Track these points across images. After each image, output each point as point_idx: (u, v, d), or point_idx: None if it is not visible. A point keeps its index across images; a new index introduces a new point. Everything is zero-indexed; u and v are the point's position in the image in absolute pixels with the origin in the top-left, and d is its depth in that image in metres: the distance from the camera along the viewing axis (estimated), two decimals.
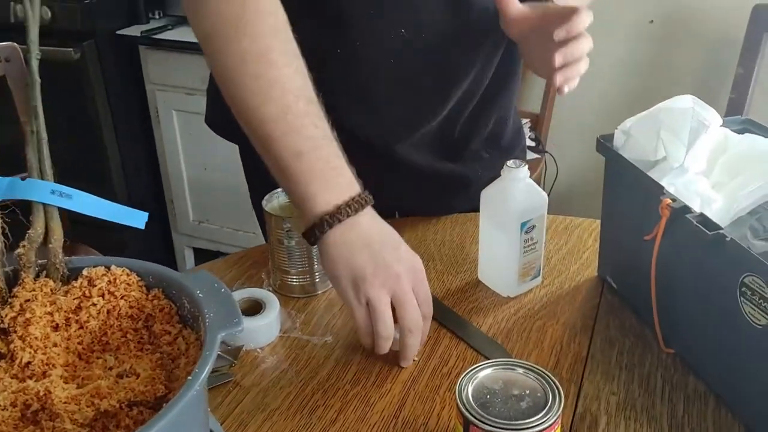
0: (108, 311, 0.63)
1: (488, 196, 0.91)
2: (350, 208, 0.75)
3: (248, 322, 0.87)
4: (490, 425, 0.59)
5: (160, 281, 0.65)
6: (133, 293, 0.64)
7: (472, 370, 0.64)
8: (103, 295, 0.64)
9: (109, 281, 0.64)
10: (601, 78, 2.19)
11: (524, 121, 2.22)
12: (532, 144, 2.14)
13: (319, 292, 0.96)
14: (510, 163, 0.88)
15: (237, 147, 1.17)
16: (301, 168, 0.75)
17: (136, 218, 0.69)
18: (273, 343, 0.88)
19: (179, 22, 2.26)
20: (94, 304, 0.63)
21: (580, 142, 2.20)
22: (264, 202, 0.94)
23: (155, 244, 2.57)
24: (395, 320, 0.77)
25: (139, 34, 2.21)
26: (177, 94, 2.28)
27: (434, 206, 1.14)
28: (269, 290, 0.95)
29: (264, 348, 0.87)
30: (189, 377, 0.51)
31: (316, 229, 0.75)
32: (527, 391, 0.63)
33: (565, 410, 0.76)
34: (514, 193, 0.88)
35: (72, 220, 0.57)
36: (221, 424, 0.76)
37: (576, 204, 2.25)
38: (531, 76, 2.31)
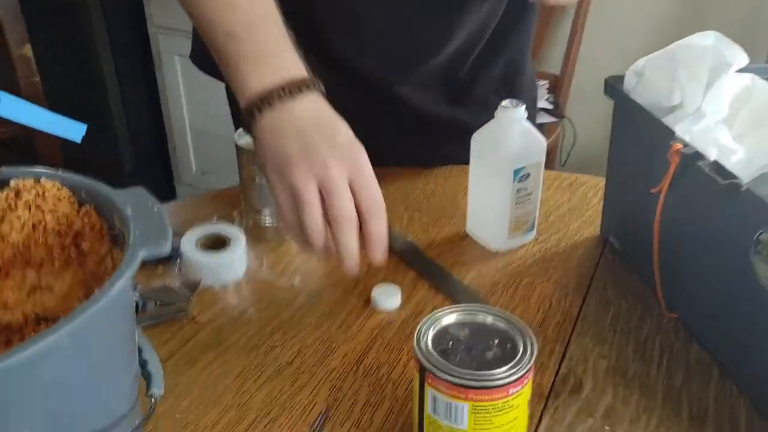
0: (33, 225, 0.57)
1: (480, 138, 0.83)
2: (284, 90, 0.67)
3: (210, 258, 0.80)
4: (448, 374, 0.51)
5: (93, 197, 0.58)
6: (62, 208, 0.57)
7: (435, 313, 0.57)
8: (29, 208, 0.57)
9: (38, 194, 0.57)
10: (629, 37, 2.06)
11: (542, 82, 2.11)
12: (549, 107, 2.04)
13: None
14: (505, 102, 0.79)
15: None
16: (236, 49, 0.69)
17: (73, 130, 0.61)
18: (237, 282, 0.80)
19: None
20: (18, 217, 0.56)
21: (603, 107, 2.08)
22: (236, 137, 0.87)
23: (159, 194, 2.51)
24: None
25: None
26: (180, 38, 2.19)
27: (432, 158, 1.06)
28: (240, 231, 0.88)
29: (227, 286, 0.80)
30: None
31: (248, 115, 0.68)
32: (496, 341, 0.55)
33: (547, 371, 0.69)
34: (509, 135, 0.79)
35: (66, 161, 0.52)
36: (169, 359, 0.69)
37: (594, 174, 2.14)
38: (550, 34, 2.19)
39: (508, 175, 0.79)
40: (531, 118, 0.81)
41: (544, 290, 0.79)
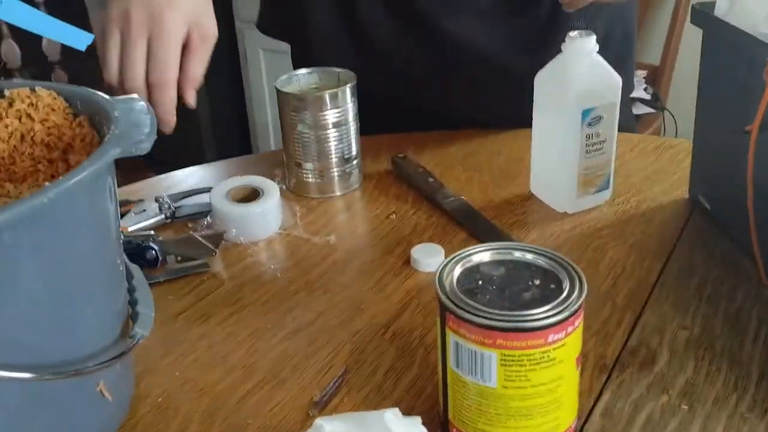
0: (22, 135, 0.52)
1: (543, 78, 0.72)
2: None
3: (240, 209, 0.73)
4: (472, 314, 0.41)
5: (88, 107, 0.52)
6: (54, 118, 0.52)
7: (465, 251, 0.47)
8: (20, 118, 0.52)
9: (31, 104, 0.53)
10: None
11: (641, 73, 1.96)
12: (648, 98, 1.88)
13: (338, 193, 0.81)
14: (573, 33, 0.68)
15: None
16: None
17: (78, 38, 0.56)
18: (268, 238, 0.73)
19: None
20: (7, 126, 0.51)
21: None
22: (278, 84, 0.80)
23: None
24: None
25: None
26: None
27: (503, 118, 0.95)
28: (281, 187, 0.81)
29: (257, 242, 0.72)
30: None
31: None
32: (537, 281, 0.44)
33: (612, 341, 0.57)
34: (576, 70, 0.68)
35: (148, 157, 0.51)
36: (180, 314, 0.62)
37: None
38: (651, 22, 2.04)
39: (575, 117, 0.68)
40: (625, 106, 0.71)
41: (617, 254, 0.68)
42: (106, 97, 0.51)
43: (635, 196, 0.77)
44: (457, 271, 0.45)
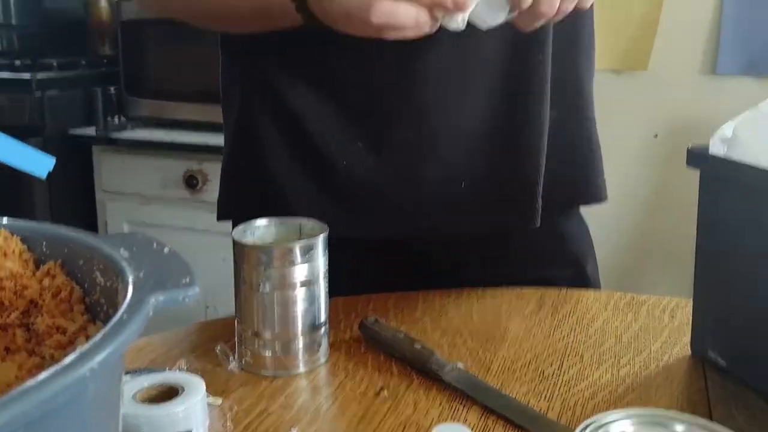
0: None
1: None
2: None
3: (145, 411, 0.54)
4: None
5: (59, 250, 0.37)
6: (8, 266, 0.36)
7: (597, 419, 0.36)
8: None
9: None
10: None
11: None
12: None
13: (303, 369, 0.67)
14: None
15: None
16: None
17: (40, 164, 0.42)
18: None
19: (139, 125, 2.05)
20: None
21: None
22: (236, 235, 0.68)
23: None
24: None
25: (94, 134, 2.00)
26: (131, 203, 2.02)
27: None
28: (233, 368, 0.66)
29: None
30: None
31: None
32: None
33: None
34: None
35: None
36: None
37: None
38: None
39: None
40: None
41: None
42: (90, 234, 0.37)
43: (638, 356, 0.70)
44: None
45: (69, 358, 0.23)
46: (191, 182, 1.91)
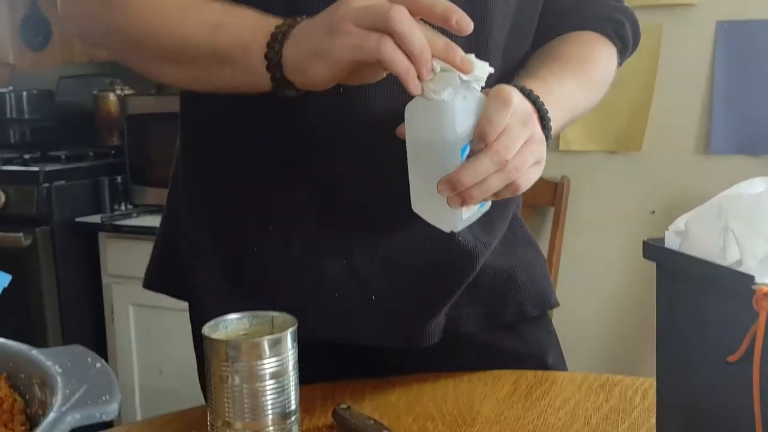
0: None
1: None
2: (284, 24, 0.67)
3: None
4: None
5: (5, 364, 0.40)
6: None
7: None
8: None
9: None
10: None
11: None
12: None
13: None
14: None
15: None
16: (227, 31, 0.70)
17: None
18: None
19: (144, 211, 2.12)
20: None
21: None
22: (206, 330, 0.70)
23: None
24: None
25: (99, 221, 2.06)
26: (136, 286, 2.06)
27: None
28: None
29: None
30: None
31: (279, 33, 0.66)
32: None
33: None
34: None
35: None
36: None
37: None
38: None
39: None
40: None
41: None
42: (31, 348, 0.40)
43: None
44: None
45: None
46: None
